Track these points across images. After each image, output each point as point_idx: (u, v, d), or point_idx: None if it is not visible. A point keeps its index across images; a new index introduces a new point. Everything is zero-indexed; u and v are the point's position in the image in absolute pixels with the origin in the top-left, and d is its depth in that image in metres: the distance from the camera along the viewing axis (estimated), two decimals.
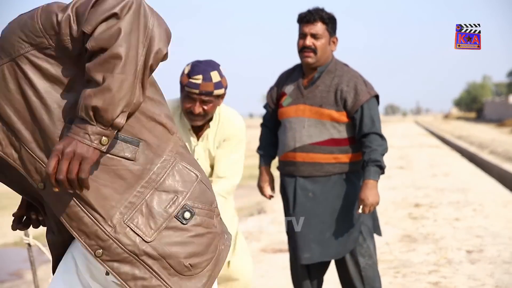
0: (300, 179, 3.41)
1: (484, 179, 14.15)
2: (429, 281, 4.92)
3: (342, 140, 3.39)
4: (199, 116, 2.91)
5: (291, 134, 3.42)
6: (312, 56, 3.37)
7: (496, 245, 6.21)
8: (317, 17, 3.36)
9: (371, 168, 3.31)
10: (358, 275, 3.46)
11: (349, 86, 3.37)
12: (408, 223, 7.54)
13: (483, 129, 40.86)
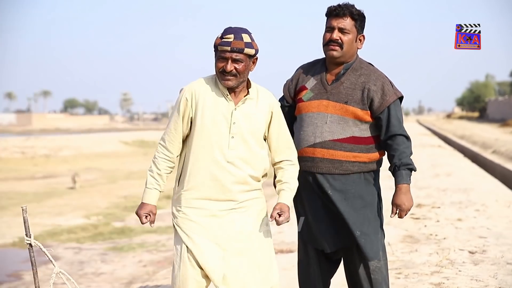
0: (318, 176, 3.37)
1: (487, 179, 14.15)
2: (432, 282, 4.92)
3: (363, 139, 3.37)
4: (231, 75, 2.98)
5: (312, 129, 3.37)
6: (338, 50, 3.33)
7: (499, 245, 6.22)
8: (347, 12, 3.32)
9: (403, 172, 3.35)
10: (367, 278, 3.45)
11: (377, 85, 3.35)
12: (410, 223, 7.54)
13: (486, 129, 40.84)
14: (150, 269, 10.34)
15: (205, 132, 3.02)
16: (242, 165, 3.04)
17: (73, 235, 13.69)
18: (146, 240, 13.04)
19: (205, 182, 3.02)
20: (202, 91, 3.06)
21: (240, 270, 3.02)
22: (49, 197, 19.56)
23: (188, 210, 3.03)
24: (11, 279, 10.50)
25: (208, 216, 3.02)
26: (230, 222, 3.04)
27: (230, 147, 3.02)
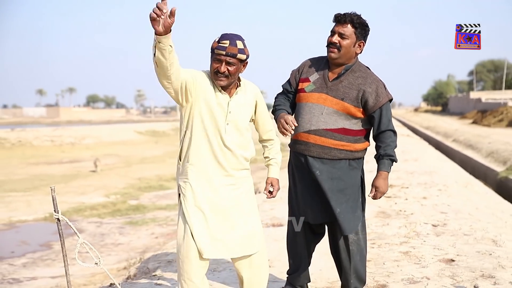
0: (309, 158, 3.39)
1: (448, 163, 14.21)
2: (400, 251, 4.94)
3: (352, 131, 3.38)
4: (223, 76, 2.97)
5: (308, 118, 3.38)
6: (336, 52, 3.32)
7: (457, 220, 6.25)
8: (348, 19, 3.30)
9: (385, 161, 3.41)
10: (346, 249, 3.48)
11: (372, 88, 3.34)
12: (382, 201, 7.56)
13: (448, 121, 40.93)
14: (161, 240, 10.36)
15: (205, 116, 3.00)
16: (235, 147, 3.06)
17: (95, 211, 13.69)
18: (157, 215, 13.05)
19: (206, 160, 3.02)
20: (204, 81, 3.03)
21: (232, 238, 3.03)
22: (74, 179, 19.54)
23: (194, 181, 3.01)
24: (43, 248, 10.51)
25: (209, 189, 3.02)
26: (227, 195, 3.04)
27: (226, 132, 3.03)
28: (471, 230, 5.70)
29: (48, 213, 12.84)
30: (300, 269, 3.66)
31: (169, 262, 5.09)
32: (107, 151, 32.13)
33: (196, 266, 2.97)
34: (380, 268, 4.44)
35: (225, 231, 3.01)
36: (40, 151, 32.70)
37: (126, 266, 7.36)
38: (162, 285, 4.31)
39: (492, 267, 4.38)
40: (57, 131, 42.30)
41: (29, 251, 10.27)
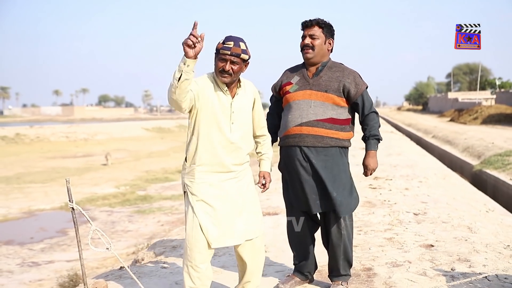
0: (304, 148, 3.38)
1: (428, 157, 14.22)
2: (385, 237, 4.95)
3: (339, 120, 3.40)
4: (227, 74, 2.97)
5: (298, 112, 3.39)
6: (311, 52, 3.37)
7: (436, 209, 6.25)
8: (314, 22, 3.36)
9: (372, 141, 3.46)
10: (338, 233, 3.47)
11: (350, 79, 3.39)
12: (369, 192, 7.57)
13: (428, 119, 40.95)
14: (166, 227, 10.37)
15: (211, 121, 2.98)
16: (240, 144, 3.07)
17: (106, 201, 13.68)
18: (163, 205, 13.05)
19: (212, 159, 3.00)
20: (206, 86, 3.02)
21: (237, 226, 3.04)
22: (88, 172, 19.51)
23: (200, 181, 2.99)
24: (59, 234, 10.50)
25: (215, 185, 3.01)
26: (231, 187, 3.05)
27: (232, 131, 3.03)
28: (449, 218, 5.70)
29: (64, 202, 12.83)
30: (306, 257, 3.63)
31: (173, 247, 5.08)
32: (117, 146, 32.08)
33: (203, 255, 2.97)
34: (366, 253, 4.44)
35: (230, 221, 3.02)
36: (57, 146, 32.64)
37: (135, 251, 7.36)
38: (167, 268, 4.31)
39: (468, 251, 4.39)
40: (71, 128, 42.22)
41: (46, 237, 10.27)
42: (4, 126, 45.26)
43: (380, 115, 47.93)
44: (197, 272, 2.98)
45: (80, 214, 3.08)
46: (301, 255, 3.65)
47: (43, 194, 14.65)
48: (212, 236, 2.95)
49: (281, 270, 4.06)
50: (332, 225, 3.47)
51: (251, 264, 3.18)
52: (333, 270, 3.57)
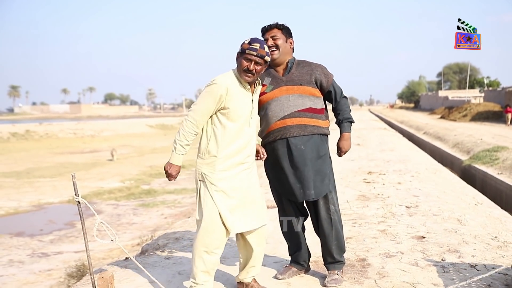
0: (291, 139, 3.39)
1: (419, 153, 14.21)
2: (378, 229, 4.94)
3: (317, 110, 3.44)
4: (251, 73, 3.08)
5: (279, 107, 3.39)
6: (276, 52, 3.38)
7: (428, 202, 6.25)
8: (273, 25, 3.41)
9: (345, 124, 3.55)
10: (329, 218, 3.48)
11: (319, 71, 3.44)
12: (363, 186, 7.56)
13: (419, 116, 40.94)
14: (169, 220, 10.36)
15: (236, 116, 3.07)
16: (254, 137, 3.23)
17: (112, 195, 13.67)
18: (166, 198, 13.04)
19: (234, 151, 3.09)
20: (232, 85, 3.08)
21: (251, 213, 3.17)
22: (94, 167, 19.49)
23: (220, 172, 3.06)
24: (67, 227, 10.50)
25: (233, 177, 3.10)
26: (245, 179, 3.15)
27: (250, 125, 3.16)
28: (439, 211, 5.70)
29: (71, 196, 12.80)
30: (299, 247, 3.65)
31: (176, 239, 5.07)
32: (123, 142, 32.07)
33: (221, 241, 3.08)
34: (360, 244, 4.44)
35: (245, 209, 3.14)
36: (65, 142, 32.62)
37: (139, 243, 7.36)
38: (170, 258, 4.30)
39: (457, 242, 4.38)
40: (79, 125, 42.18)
41: (55, 229, 10.26)
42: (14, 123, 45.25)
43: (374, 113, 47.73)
44: (212, 257, 3.09)
45: (87, 207, 3.07)
46: (294, 245, 3.67)
47: (51, 188, 14.64)
48: (231, 223, 3.07)
49: (279, 261, 4.05)
50: (321, 211, 3.48)
51: (257, 250, 3.29)
52: (328, 257, 3.56)
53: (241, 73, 3.08)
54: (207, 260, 3.08)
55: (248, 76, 3.08)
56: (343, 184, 7.64)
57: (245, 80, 3.09)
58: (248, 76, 3.08)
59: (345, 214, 5.57)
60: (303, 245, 3.65)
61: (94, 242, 8.51)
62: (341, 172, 8.89)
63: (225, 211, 3.05)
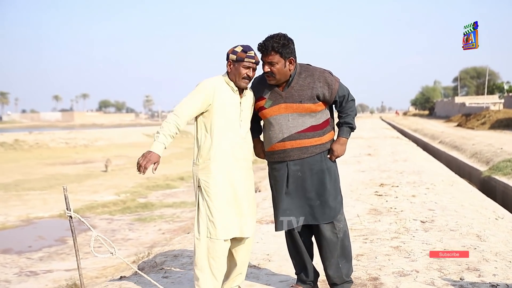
0: (290, 163, 3.42)
1: (435, 163, 14.17)
2: (391, 246, 4.92)
3: (319, 126, 3.43)
4: (249, 80, 3.35)
5: (278, 128, 3.41)
6: (272, 78, 3.36)
7: (444, 216, 6.22)
8: (270, 48, 3.27)
9: (344, 128, 3.56)
10: (335, 237, 3.46)
11: (321, 81, 3.39)
12: (374, 199, 7.54)
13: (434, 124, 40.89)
14: (167, 236, 10.35)
15: (224, 118, 3.30)
16: (247, 140, 3.43)
17: (106, 208, 13.67)
18: (164, 212, 13.03)
19: (227, 153, 3.30)
20: (220, 86, 3.33)
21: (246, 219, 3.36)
22: (87, 179, 19.52)
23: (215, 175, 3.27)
24: (58, 243, 10.49)
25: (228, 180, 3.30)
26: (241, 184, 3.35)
27: (241, 127, 3.37)
28: (457, 226, 5.67)
29: (62, 210, 12.79)
30: (306, 265, 3.63)
31: (175, 257, 5.06)
32: (118, 152, 32.13)
33: (224, 246, 3.29)
34: (372, 262, 4.41)
35: (241, 214, 3.33)
36: (56, 152, 32.69)
37: (135, 260, 7.33)
38: (168, 277, 4.29)
39: (477, 260, 4.35)
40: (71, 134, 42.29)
41: (45, 246, 10.25)
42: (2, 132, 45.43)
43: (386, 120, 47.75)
44: (218, 263, 3.29)
45: (79, 222, 3.07)
46: (300, 263, 3.66)
47: (41, 202, 14.66)
48: (229, 228, 3.28)
49: (285, 280, 4.04)
50: (325, 231, 3.46)
51: (244, 257, 3.50)
52: (334, 276, 3.53)
53: (239, 80, 3.32)
54: (214, 267, 3.30)
55: (246, 82, 3.35)
56: (353, 197, 7.62)
57: (243, 86, 3.35)
58: (246, 82, 3.35)
59: (355, 229, 5.55)
60: (309, 264, 3.63)
61: (86, 260, 8.50)
62: (351, 184, 8.87)
63: (224, 214, 3.26)
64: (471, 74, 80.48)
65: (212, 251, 3.26)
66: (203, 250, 3.27)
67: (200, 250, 3.28)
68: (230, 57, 3.34)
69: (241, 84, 3.33)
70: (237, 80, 3.33)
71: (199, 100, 3.26)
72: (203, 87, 3.29)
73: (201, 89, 3.28)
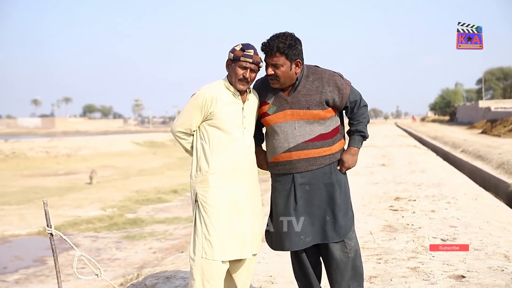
0: (297, 175, 3.40)
1: (456, 175, 14.17)
2: (408, 267, 4.91)
3: (329, 134, 3.43)
4: (246, 82, 3.33)
5: (283, 137, 3.39)
6: (276, 82, 3.36)
7: (467, 234, 6.21)
8: (275, 48, 3.26)
9: (356, 137, 3.54)
10: (345, 257, 3.45)
11: (331, 86, 3.38)
12: (389, 214, 7.53)
13: (456, 131, 40.90)
14: (159, 255, 10.33)
15: (226, 126, 3.31)
16: (251, 148, 3.43)
17: (91, 225, 13.66)
18: (156, 229, 13.02)
19: (228, 164, 3.30)
20: (219, 93, 3.33)
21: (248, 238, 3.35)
22: (70, 192, 19.52)
23: (214, 189, 3.27)
24: (37, 263, 10.47)
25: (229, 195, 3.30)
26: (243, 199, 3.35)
27: (244, 135, 3.37)
28: (482, 245, 5.66)
29: (42, 227, 12.80)
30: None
31: (167, 278, 5.05)
32: (104, 162, 32.16)
33: (221, 268, 3.27)
34: (387, 285, 4.41)
35: (243, 233, 3.32)
36: (35, 162, 32.74)
37: (123, 282, 7.31)
38: None
39: (505, 283, 4.34)
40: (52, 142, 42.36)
41: (22, 267, 10.24)
42: None
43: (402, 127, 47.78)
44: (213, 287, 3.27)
45: (61, 240, 3.07)
46: (306, 287, 3.64)
47: (18, 218, 14.65)
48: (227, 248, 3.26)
49: None
50: (335, 250, 3.45)
51: (245, 280, 3.49)
52: None
53: (235, 82, 3.33)
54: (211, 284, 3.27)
55: (243, 84, 3.34)
56: (366, 213, 7.61)
57: (239, 88, 3.34)
58: (243, 84, 3.34)
59: (368, 248, 5.54)
60: (317, 286, 3.63)
61: (68, 282, 8.49)
62: (363, 198, 8.86)
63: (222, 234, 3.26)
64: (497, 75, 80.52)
65: (207, 273, 3.24)
66: (198, 272, 3.26)
67: (195, 272, 3.27)
68: (228, 56, 3.37)
69: (237, 86, 3.33)
70: (234, 82, 3.34)
71: (197, 111, 3.31)
72: (200, 97, 3.31)
73: (198, 99, 3.31)
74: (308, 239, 3.41)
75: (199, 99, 3.30)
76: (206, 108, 3.29)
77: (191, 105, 3.33)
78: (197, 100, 3.31)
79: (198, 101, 3.30)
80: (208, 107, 3.28)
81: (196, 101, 3.31)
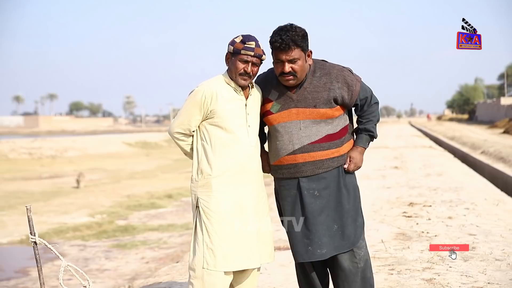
0: (303, 180, 3.39)
1: (476, 178, 14.15)
2: (423, 278, 4.91)
3: (337, 134, 3.42)
4: (248, 76, 3.32)
5: (288, 137, 3.39)
6: (293, 78, 3.33)
7: (488, 242, 6.20)
8: (291, 43, 3.25)
9: (363, 136, 3.55)
10: (355, 268, 3.45)
11: (340, 82, 3.38)
12: (402, 221, 7.53)
13: (475, 130, 40.87)
14: (152, 266, 10.33)
15: (228, 125, 3.30)
16: (257, 148, 3.43)
17: (78, 232, 13.67)
18: (149, 237, 13.03)
19: (231, 167, 3.29)
20: (220, 89, 3.32)
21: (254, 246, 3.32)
22: (55, 196, 19.53)
23: (217, 194, 3.27)
24: (18, 275, 10.48)
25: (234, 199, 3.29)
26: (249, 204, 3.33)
27: (249, 134, 3.36)
28: (504, 255, 5.66)
29: (24, 235, 12.82)
30: None
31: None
32: (92, 165, 32.17)
33: (223, 280, 3.25)
34: None
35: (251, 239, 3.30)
36: (17, 165, 32.76)
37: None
38: None
39: None
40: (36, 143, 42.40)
41: (2, 278, 10.25)
42: None
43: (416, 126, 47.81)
44: None
45: (46, 249, 3.08)
46: None
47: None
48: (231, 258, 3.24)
49: None
50: (344, 261, 3.45)
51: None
52: None
53: (236, 77, 3.32)
54: None
55: (244, 79, 3.33)
56: (377, 219, 7.62)
57: (241, 84, 3.35)
58: (244, 79, 3.33)
59: (379, 258, 5.54)
60: None
61: None
62: (374, 204, 8.87)
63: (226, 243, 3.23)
64: None
65: (208, 285, 3.21)
66: (199, 284, 3.24)
67: (195, 284, 3.25)
68: (228, 49, 3.37)
69: (238, 81, 3.32)
70: (234, 77, 3.33)
71: (196, 110, 3.31)
72: (199, 94, 3.31)
73: (197, 97, 3.31)
74: (323, 251, 3.38)
75: (198, 96, 3.29)
76: (206, 105, 3.28)
77: (189, 103, 3.33)
78: (196, 98, 3.30)
79: (197, 99, 3.29)
80: (208, 104, 3.27)
81: (195, 99, 3.30)
